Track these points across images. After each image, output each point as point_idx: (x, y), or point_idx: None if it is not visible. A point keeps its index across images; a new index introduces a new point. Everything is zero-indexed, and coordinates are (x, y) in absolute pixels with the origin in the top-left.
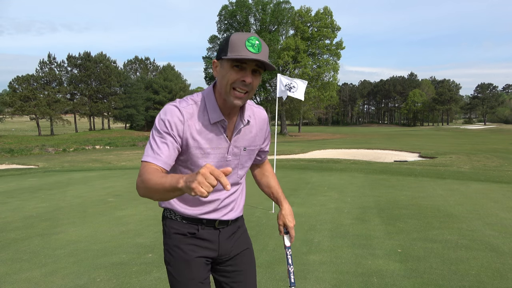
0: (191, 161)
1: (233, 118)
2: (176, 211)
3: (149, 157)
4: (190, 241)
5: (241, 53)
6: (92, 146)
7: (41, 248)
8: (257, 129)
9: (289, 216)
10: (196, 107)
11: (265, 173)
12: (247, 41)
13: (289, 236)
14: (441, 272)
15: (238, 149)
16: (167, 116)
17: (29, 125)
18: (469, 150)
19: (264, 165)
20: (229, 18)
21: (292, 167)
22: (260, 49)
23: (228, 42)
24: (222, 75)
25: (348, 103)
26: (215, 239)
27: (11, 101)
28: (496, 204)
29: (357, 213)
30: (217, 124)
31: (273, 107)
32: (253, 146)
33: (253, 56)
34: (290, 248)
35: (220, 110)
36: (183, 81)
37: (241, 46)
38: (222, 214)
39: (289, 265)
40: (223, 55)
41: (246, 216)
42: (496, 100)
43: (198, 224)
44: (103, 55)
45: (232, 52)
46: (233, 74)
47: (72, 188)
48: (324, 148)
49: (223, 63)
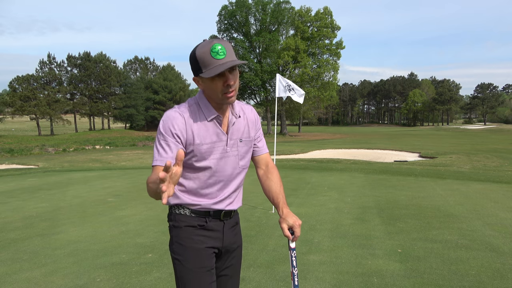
0: (196, 157)
1: (226, 114)
2: (185, 205)
3: (156, 161)
4: (200, 232)
5: (212, 65)
6: (92, 146)
7: (41, 248)
8: (248, 122)
9: (293, 217)
10: (192, 109)
11: (269, 176)
12: (211, 52)
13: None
14: (441, 272)
15: (235, 141)
16: (169, 120)
17: (29, 125)
18: (469, 150)
19: (270, 168)
20: (229, 18)
21: (292, 167)
22: (225, 52)
23: (197, 60)
24: (208, 89)
25: (348, 103)
26: (220, 230)
27: (11, 101)
28: (496, 204)
29: (357, 213)
30: (214, 120)
31: (273, 107)
32: (248, 138)
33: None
34: (295, 250)
35: (213, 108)
36: (183, 81)
37: (208, 59)
38: (226, 204)
39: (294, 267)
40: (200, 73)
41: (246, 216)
42: (496, 100)
43: (205, 217)
44: (102, 55)
45: (205, 67)
46: (218, 84)
47: (72, 188)
48: (324, 148)
49: (202, 79)
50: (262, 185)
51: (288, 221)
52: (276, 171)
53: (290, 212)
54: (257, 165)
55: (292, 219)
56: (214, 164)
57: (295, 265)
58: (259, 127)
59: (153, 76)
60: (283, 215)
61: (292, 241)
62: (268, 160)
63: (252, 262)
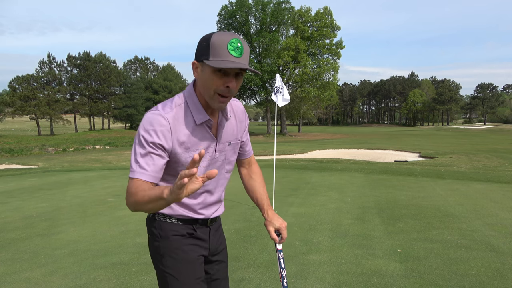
0: (183, 166)
1: (216, 115)
2: (171, 214)
3: (136, 173)
4: (190, 241)
5: (223, 57)
6: (92, 146)
7: (41, 248)
8: (237, 122)
9: (279, 219)
10: (179, 110)
11: (252, 175)
12: (229, 45)
13: (280, 238)
14: (441, 272)
15: (224, 145)
16: (153, 126)
17: (29, 125)
18: (469, 150)
19: (252, 166)
20: (229, 18)
21: (292, 167)
22: (242, 52)
23: (209, 44)
24: (204, 80)
25: (348, 103)
26: (207, 237)
27: (11, 101)
28: (496, 204)
29: (357, 213)
30: (203, 124)
31: (273, 107)
32: (236, 139)
33: (236, 64)
34: (282, 251)
35: (204, 110)
36: (182, 81)
37: (223, 50)
38: (213, 211)
39: (282, 269)
40: (205, 59)
41: (246, 216)
42: (496, 100)
43: (193, 224)
44: (102, 55)
45: (214, 56)
46: (217, 80)
47: (72, 188)
48: (324, 148)
49: (204, 66)
50: (244, 184)
51: (274, 223)
52: (259, 170)
53: (275, 214)
54: (239, 163)
55: (279, 222)
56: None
57: (283, 267)
58: (247, 125)
59: (153, 76)
60: (269, 218)
61: (279, 243)
62: (251, 160)
63: (252, 262)
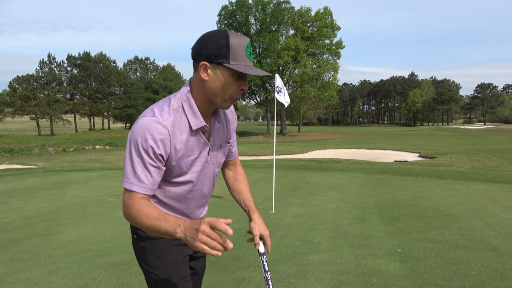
0: (176, 172)
1: (209, 118)
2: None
3: (134, 185)
4: (176, 242)
5: (243, 62)
6: (92, 146)
7: (41, 248)
8: (228, 124)
9: (263, 225)
10: (177, 115)
11: (237, 177)
12: (247, 48)
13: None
14: (441, 272)
15: (215, 147)
16: (152, 135)
17: (29, 125)
18: (469, 150)
19: (237, 167)
20: (229, 18)
21: (292, 167)
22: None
23: (229, 46)
24: (219, 83)
25: (348, 103)
26: None
27: (11, 101)
28: (496, 204)
29: (357, 213)
30: (198, 129)
31: (273, 107)
32: (226, 142)
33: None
34: (265, 254)
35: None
36: (183, 81)
37: (242, 54)
38: (200, 212)
39: (266, 272)
40: (224, 62)
41: (246, 216)
42: (496, 100)
43: None
44: (102, 55)
45: (235, 60)
46: (235, 85)
47: (72, 188)
48: (324, 148)
49: (220, 69)
50: (229, 186)
51: (261, 229)
52: (244, 172)
53: (260, 219)
54: (224, 164)
55: (264, 228)
56: (195, 178)
57: (267, 269)
58: (235, 127)
59: (153, 76)
60: (256, 221)
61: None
62: (237, 161)
63: (252, 262)
